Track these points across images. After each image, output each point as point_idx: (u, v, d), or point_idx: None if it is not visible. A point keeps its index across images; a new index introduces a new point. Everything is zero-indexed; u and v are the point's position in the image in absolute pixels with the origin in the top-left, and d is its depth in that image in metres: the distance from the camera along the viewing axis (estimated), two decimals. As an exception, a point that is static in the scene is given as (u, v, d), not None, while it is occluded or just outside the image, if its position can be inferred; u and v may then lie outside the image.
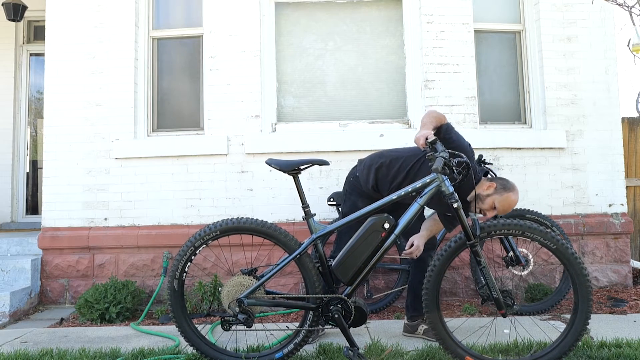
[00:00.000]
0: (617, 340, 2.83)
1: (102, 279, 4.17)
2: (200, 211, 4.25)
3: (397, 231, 2.54)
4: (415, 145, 2.73)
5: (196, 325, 2.69)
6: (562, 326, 3.20)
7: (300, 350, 2.61)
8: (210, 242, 2.62)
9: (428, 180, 2.55)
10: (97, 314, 3.68)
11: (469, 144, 2.82)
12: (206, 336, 3.11)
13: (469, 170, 2.48)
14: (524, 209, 3.84)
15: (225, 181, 4.27)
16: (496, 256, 4.20)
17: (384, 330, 3.21)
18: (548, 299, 3.70)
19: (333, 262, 2.58)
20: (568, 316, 3.46)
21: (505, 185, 2.70)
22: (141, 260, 4.20)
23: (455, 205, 2.48)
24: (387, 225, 2.51)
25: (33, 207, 5.98)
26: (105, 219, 4.27)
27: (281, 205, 4.23)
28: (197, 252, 2.63)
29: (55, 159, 4.31)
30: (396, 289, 3.80)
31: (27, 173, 6.01)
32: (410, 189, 2.56)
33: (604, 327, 3.17)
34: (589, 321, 2.46)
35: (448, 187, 2.50)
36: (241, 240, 3.46)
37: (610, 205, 4.40)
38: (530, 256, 3.67)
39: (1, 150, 5.81)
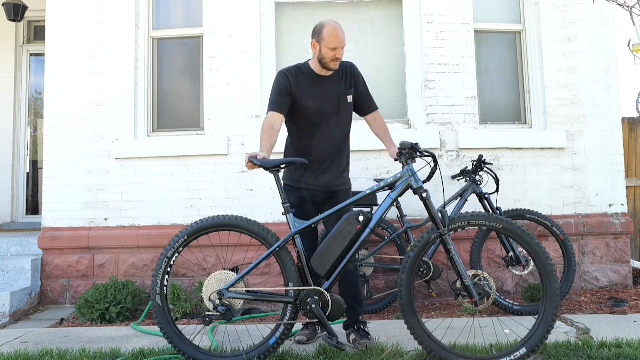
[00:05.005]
0: (617, 340, 2.83)
1: (102, 279, 4.17)
2: (200, 211, 4.24)
3: (371, 224, 2.66)
4: None
5: (196, 326, 2.69)
6: (562, 326, 3.20)
7: (279, 348, 2.63)
8: (182, 249, 2.66)
9: (399, 176, 2.70)
10: (97, 314, 3.68)
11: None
12: (205, 336, 3.12)
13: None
14: (524, 209, 3.85)
15: (225, 181, 4.27)
16: (496, 256, 4.20)
17: (384, 330, 3.21)
18: (548, 299, 3.70)
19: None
20: (567, 316, 3.47)
21: (316, 28, 2.87)
22: (141, 260, 4.20)
23: (424, 194, 2.63)
24: (361, 218, 2.62)
25: (33, 207, 5.98)
26: (105, 219, 4.27)
27: (281, 205, 4.21)
28: (172, 262, 2.66)
29: (55, 159, 4.31)
30: (396, 289, 3.79)
31: (27, 173, 6.01)
32: (382, 184, 2.71)
33: (604, 327, 3.17)
34: (558, 304, 2.49)
35: (417, 182, 2.66)
36: (239, 239, 3.45)
37: (610, 205, 4.40)
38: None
39: (1, 150, 5.81)
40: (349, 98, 2.99)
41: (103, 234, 4.22)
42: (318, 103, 2.92)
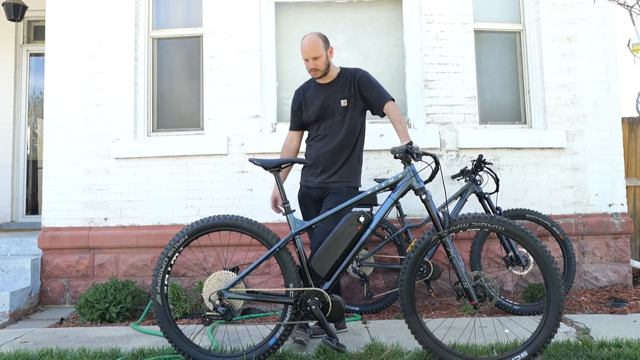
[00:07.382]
0: (617, 340, 2.83)
1: (102, 279, 4.17)
2: (201, 211, 4.24)
3: (372, 225, 2.64)
4: None
5: (196, 326, 2.69)
6: (562, 326, 3.20)
7: (279, 349, 2.63)
8: (182, 249, 2.67)
9: (400, 176, 2.68)
10: (97, 314, 3.68)
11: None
12: (205, 336, 3.12)
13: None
14: (524, 209, 3.85)
15: (225, 181, 4.27)
16: (496, 256, 4.20)
17: (384, 330, 3.21)
18: (548, 299, 3.70)
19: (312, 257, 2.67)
20: (568, 316, 3.47)
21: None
22: (141, 260, 4.20)
23: (424, 197, 2.60)
24: (362, 219, 2.61)
25: (33, 207, 5.98)
26: (105, 219, 4.27)
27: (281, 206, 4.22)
28: (173, 261, 2.67)
29: (55, 159, 4.31)
30: (396, 289, 3.80)
31: (27, 173, 6.01)
32: (384, 185, 2.68)
33: (604, 327, 3.17)
34: (562, 309, 2.47)
35: (419, 182, 2.64)
36: (239, 239, 3.45)
37: (610, 205, 4.40)
38: (530, 256, 3.67)
39: (1, 150, 5.81)
40: (343, 102, 3.11)
41: (103, 234, 4.22)
42: (317, 110, 3.13)
